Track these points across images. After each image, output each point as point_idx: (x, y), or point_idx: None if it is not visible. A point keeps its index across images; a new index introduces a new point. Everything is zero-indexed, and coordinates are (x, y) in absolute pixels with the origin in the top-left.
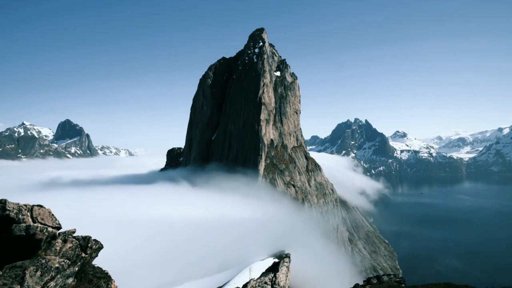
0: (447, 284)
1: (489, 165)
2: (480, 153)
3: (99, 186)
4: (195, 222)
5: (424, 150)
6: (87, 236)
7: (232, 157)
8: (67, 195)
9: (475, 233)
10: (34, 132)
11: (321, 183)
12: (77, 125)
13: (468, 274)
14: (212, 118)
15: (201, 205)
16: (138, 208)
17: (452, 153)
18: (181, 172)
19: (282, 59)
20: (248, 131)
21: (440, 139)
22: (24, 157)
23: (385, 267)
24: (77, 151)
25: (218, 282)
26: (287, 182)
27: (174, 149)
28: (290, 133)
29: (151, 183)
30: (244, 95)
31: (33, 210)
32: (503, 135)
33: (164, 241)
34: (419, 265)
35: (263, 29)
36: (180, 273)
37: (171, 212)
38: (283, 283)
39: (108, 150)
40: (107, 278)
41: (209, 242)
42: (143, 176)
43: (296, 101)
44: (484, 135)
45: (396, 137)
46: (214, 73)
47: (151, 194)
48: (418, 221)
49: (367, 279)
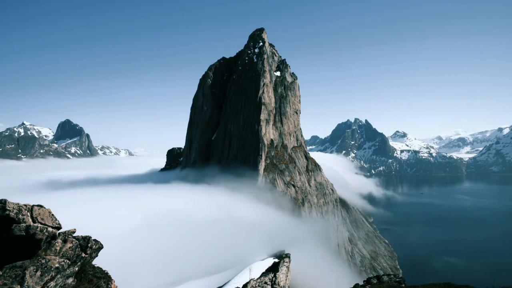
0: (447, 284)
1: (489, 165)
2: (480, 153)
3: (99, 186)
4: (195, 222)
5: (424, 150)
6: (87, 236)
7: (232, 157)
8: (67, 195)
9: (475, 233)
10: (34, 132)
11: (321, 183)
12: (77, 125)
13: (468, 274)
14: (212, 118)
15: (201, 205)
16: (138, 208)
17: (452, 153)
18: (180, 173)
19: (282, 59)
20: (248, 131)
21: (440, 139)
22: (24, 157)
23: (385, 267)
24: (77, 151)
25: (218, 282)
26: (287, 182)
27: (174, 149)
28: (290, 133)
29: (151, 183)
30: (244, 95)
31: (33, 210)
32: (503, 135)
33: (164, 241)
34: (419, 265)
35: (263, 29)
36: (180, 273)
37: (171, 212)
38: (283, 283)
39: (108, 150)
40: (107, 278)
41: (209, 242)
42: (143, 176)
43: (296, 101)
44: (484, 135)
45: (396, 137)
46: (214, 73)
47: (150, 194)
48: (418, 221)
49: (367, 279)
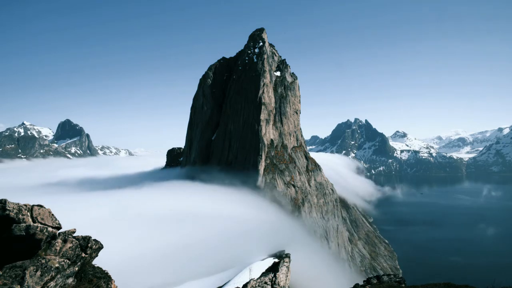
0: (447, 284)
1: (489, 165)
2: (480, 153)
3: (99, 186)
4: (194, 222)
5: (424, 150)
6: (87, 236)
7: (232, 157)
8: (67, 195)
9: (475, 233)
10: (34, 132)
11: (321, 183)
12: (77, 125)
13: (468, 274)
14: (212, 118)
15: (201, 205)
16: (137, 208)
17: (452, 153)
18: (179, 173)
19: (282, 59)
20: (248, 131)
21: (440, 139)
22: (24, 157)
23: (385, 267)
24: (77, 151)
25: (218, 282)
26: (287, 182)
27: (174, 149)
28: (290, 133)
29: (151, 183)
30: (244, 95)
31: (33, 210)
32: (503, 135)
33: (164, 241)
34: (419, 265)
35: (263, 29)
36: (180, 273)
37: (171, 212)
38: (283, 283)
39: (108, 150)
40: (107, 278)
41: (209, 242)
42: (142, 176)
43: (296, 101)
44: (484, 135)
45: (396, 137)
46: (214, 73)
47: (150, 194)
48: (418, 221)
49: (367, 279)
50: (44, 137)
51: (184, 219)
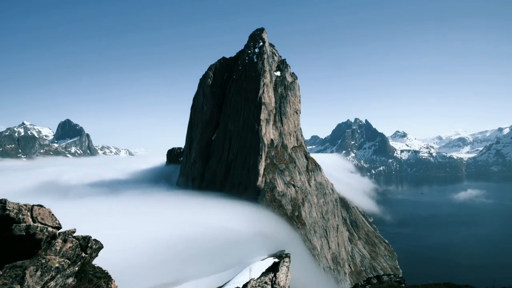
0: (447, 284)
1: (489, 165)
2: (480, 153)
3: (99, 186)
4: (194, 222)
5: (424, 150)
6: (87, 236)
7: (232, 157)
8: (67, 195)
9: (475, 233)
10: (34, 132)
11: (321, 183)
12: (77, 125)
13: (468, 274)
14: (212, 118)
15: (200, 205)
16: (137, 208)
17: (452, 153)
18: (178, 172)
19: (282, 59)
20: (248, 131)
21: (440, 139)
22: (24, 157)
23: (385, 267)
24: (77, 151)
25: (218, 282)
26: (287, 182)
27: (174, 149)
28: (290, 133)
29: (151, 183)
30: (244, 95)
31: (33, 210)
32: (503, 135)
33: (164, 241)
34: (419, 265)
35: (263, 29)
36: (180, 273)
37: (171, 212)
38: (283, 283)
39: (108, 150)
40: (107, 278)
41: (208, 242)
42: (142, 176)
43: (296, 101)
44: (484, 135)
45: (396, 137)
46: (214, 73)
47: (149, 194)
48: (418, 221)
49: (367, 279)
50: (44, 137)
51: (184, 219)
